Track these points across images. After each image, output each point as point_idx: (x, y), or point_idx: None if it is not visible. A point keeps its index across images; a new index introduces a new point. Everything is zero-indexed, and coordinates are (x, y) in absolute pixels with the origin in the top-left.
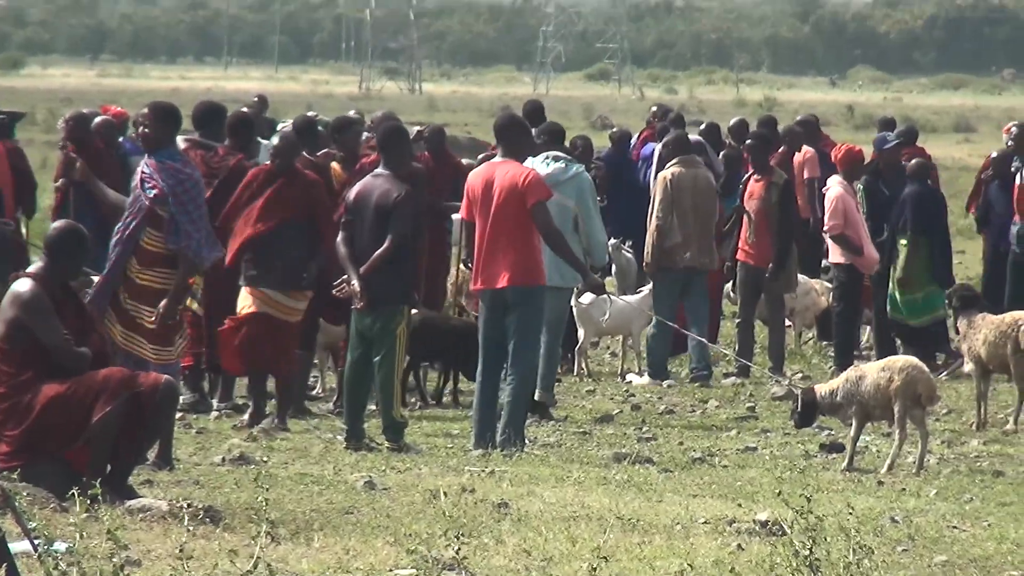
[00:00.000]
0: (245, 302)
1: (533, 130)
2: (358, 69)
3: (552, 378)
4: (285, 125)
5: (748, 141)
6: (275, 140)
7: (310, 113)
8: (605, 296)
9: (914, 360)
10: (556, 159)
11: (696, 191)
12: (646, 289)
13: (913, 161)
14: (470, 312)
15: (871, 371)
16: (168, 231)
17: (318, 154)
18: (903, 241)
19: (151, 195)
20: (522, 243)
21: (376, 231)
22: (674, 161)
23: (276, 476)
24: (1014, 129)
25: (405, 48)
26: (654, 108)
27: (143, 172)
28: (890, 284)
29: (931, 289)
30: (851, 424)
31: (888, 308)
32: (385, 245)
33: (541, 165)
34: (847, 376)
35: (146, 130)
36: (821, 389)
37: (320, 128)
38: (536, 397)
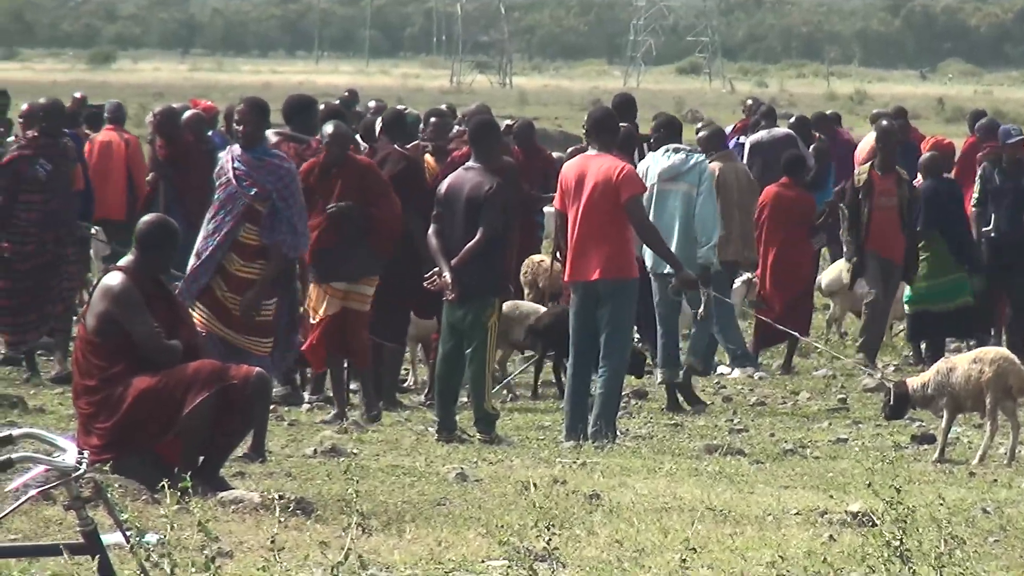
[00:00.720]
0: (320, 300)
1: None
2: (449, 63)
3: (703, 347)
4: (374, 109)
5: (876, 137)
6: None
7: (399, 107)
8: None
9: (1005, 352)
10: (676, 150)
11: (739, 186)
12: (739, 282)
13: (926, 155)
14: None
15: (962, 363)
16: (265, 225)
17: (408, 146)
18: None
19: (251, 192)
20: (614, 236)
21: (468, 223)
22: (713, 156)
23: (367, 468)
24: None
25: (496, 42)
26: (749, 101)
27: (238, 169)
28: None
29: (956, 276)
30: (943, 416)
31: (911, 303)
32: (477, 237)
33: (662, 157)
34: (938, 368)
35: (243, 126)
36: (913, 382)
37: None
38: (659, 379)
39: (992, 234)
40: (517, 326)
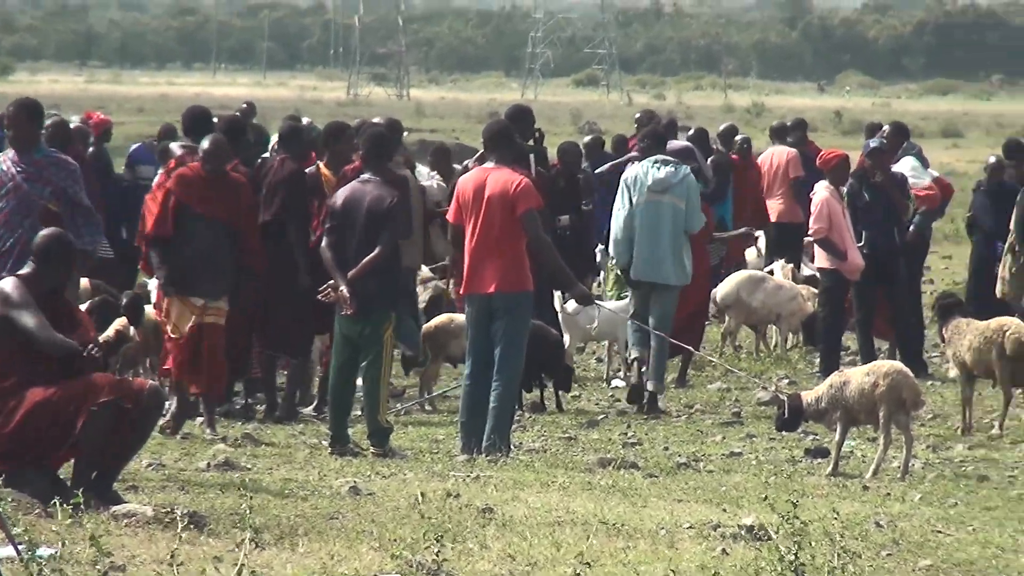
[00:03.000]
0: (178, 315)
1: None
2: (346, 75)
3: (663, 370)
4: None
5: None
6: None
7: (304, 120)
8: (594, 304)
9: (899, 365)
10: (665, 163)
11: None
12: (631, 296)
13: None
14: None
15: (856, 376)
16: (67, 228)
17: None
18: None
19: (45, 192)
20: (510, 250)
21: (368, 237)
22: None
23: (261, 482)
24: None
25: (393, 54)
26: (638, 115)
27: (23, 172)
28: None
29: None
30: (836, 429)
31: None
32: (378, 250)
33: (652, 168)
34: (831, 382)
35: (13, 130)
36: (807, 396)
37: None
38: (649, 388)
39: (865, 250)
40: (453, 340)
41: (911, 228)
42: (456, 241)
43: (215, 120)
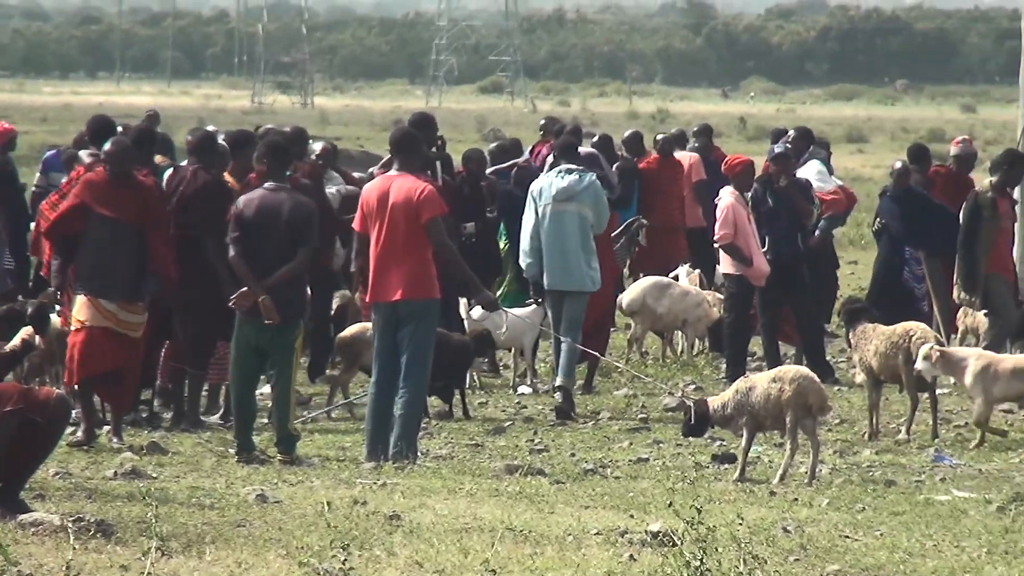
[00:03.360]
0: (83, 313)
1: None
2: (250, 83)
3: (573, 366)
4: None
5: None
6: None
7: (209, 128)
8: (500, 311)
9: (805, 370)
10: (570, 171)
11: None
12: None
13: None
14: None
15: (761, 381)
16: None
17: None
18: None
19: None
20: (416, 257)
21: (286, 245)
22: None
23: (168, 490)
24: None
25: (297, 62)
26: (542, 122)
27: None
28: None
29: None
30: (742, 435)
31: None
32: (298, 259)
33: (557, 178)
34: (737, 387)
35: None
36: (713, 402)
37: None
38: (558, 382)
39: (769, 256)
40: (367, 349)
41: (816, 233)
42: (362, 249)
43: (119, 129)
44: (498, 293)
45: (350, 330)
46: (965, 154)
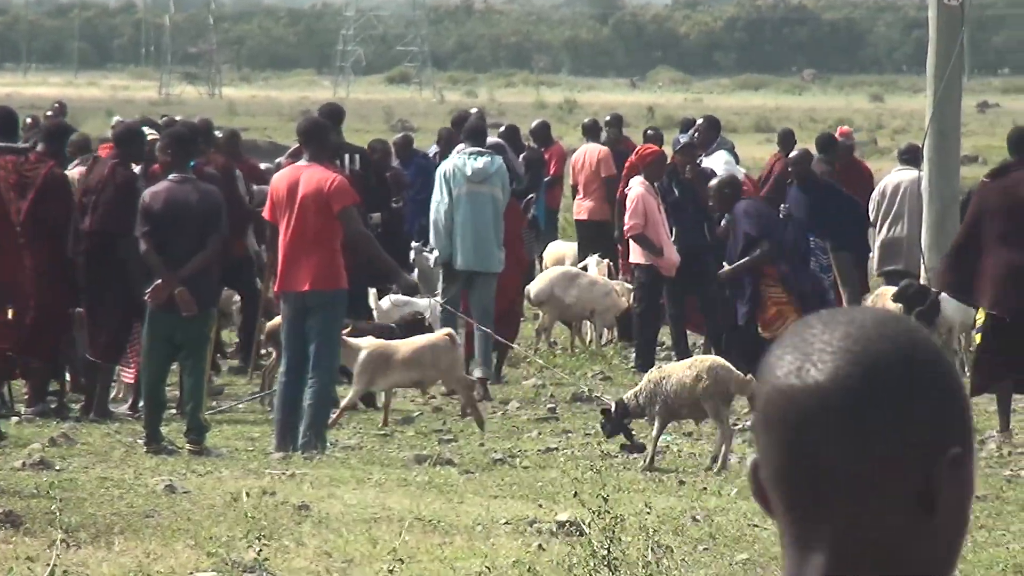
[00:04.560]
0: None
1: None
2: (158, 74)
3: (488, 354)
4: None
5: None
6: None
7: (116, 118)
8: (414, 299)
9: (720, 359)
10: (480, 154)
11: None
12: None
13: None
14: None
15: (677, 371)
16: None
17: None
18: None
19: None
20: (325, 247)
21: (196, 236)
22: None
23: (76, 480)
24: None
25: (204, 53)
26: (455, 116)
27: None
28: None
29: None
30: (654, 424)
31: None
32: (209, 249)
33: (470, 160)
34: (650, 377)
35: None
36: (627, 396)
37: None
38: (478, 374)
39: (676, 246)
40: None
41: (723, 223)
42: (273, 239)
43: (28, 120)
44: None
45: (278, 320)
46: (844, 145)
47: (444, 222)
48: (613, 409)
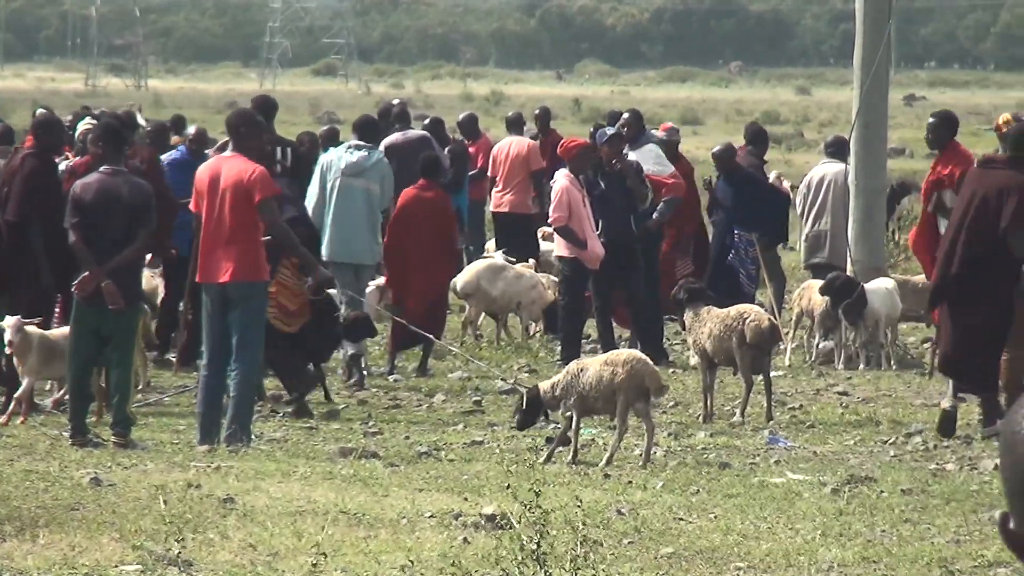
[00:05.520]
0: None
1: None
2: (84, 66)
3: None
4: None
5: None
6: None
7: (41, 109)
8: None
9: (637, 353)
10: (359, 148)
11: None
12: (372, 285)
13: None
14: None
15: (594, 365)
16: None
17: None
18: None
19: None
20: (245, 238)
21: (125, 229)
22: None
23: (1, 473)
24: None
25: (131, 44)
26: (396, 108)
27: None
28: None
29: None
30: (572, 417)
31: None
32: (138, 242)
33: (346, 153)
34: (569, 369)
35: None
36: (544, 385)
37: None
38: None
39: (602, 239)
40: None
41: (655, 216)
42: (197, 231)
43: None
44: None
45: None
46: (670, 140)
47: (316, 213)
48: (525, 399)
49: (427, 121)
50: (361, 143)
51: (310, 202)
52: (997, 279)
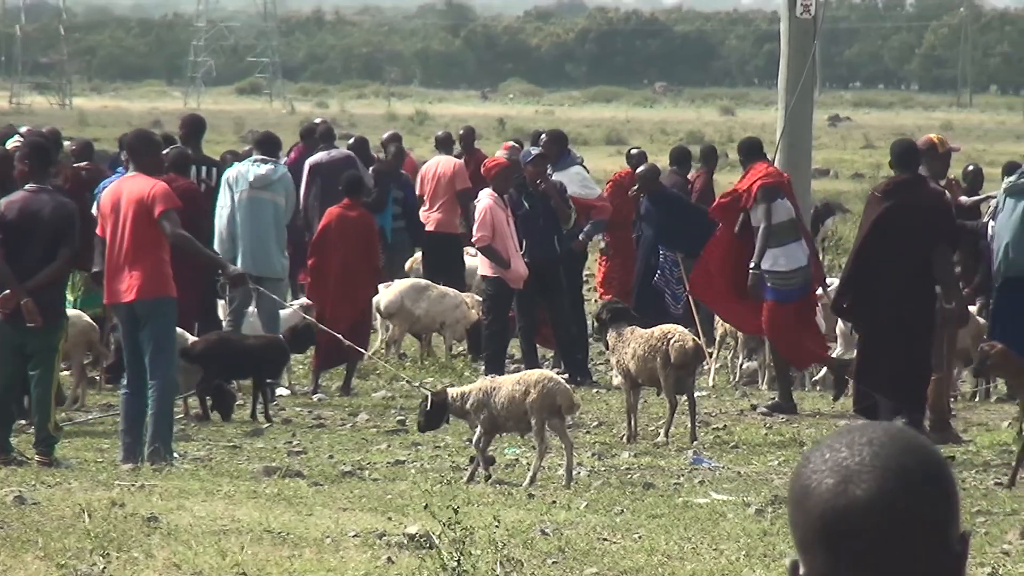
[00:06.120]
0: None
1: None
2: (8, 84)
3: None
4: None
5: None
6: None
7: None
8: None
9: (549, 372)
10: (264, 162)
11: None
12: (296, 304)
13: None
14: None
15: (507, 384)
16: None
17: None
18: None
19: None
20: (150, 256)
21: (48, 247)
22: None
23: None
24: None
25: (56, 63)
26: (320, 126)
27: None
28: None
29: None
30: (476, 428)
31: None
32: (59, 261)
33: (252, 167)
34: (481, 385)
35: None
36: (453, 392)
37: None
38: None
39: (526, 259)
40: None
41: (580, 236)
42: (103, 252)
43: None
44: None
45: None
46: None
47: (227, 228)
48: (430, 401)
49: (352, 140)
50: (266, 157)
51: (218, 216)
52: (916, 300)
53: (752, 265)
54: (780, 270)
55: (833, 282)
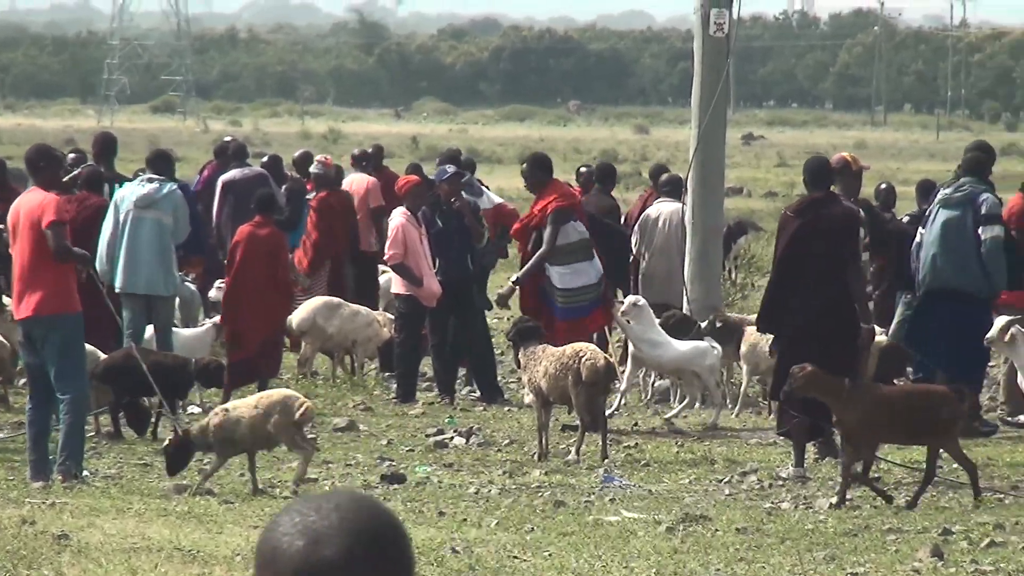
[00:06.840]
0: None
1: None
2: None
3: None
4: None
5: None
6: None
7: None
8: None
9: (288, 392)
10: (151, 180)
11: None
12: (209, 323)
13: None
14: None
15: (245, 410)
16: None
17: None
18: None
19: None
20: (50, 271)
21: None
22: None
23: None
24: None
25: None
26: (232, 143)
27: None
28: None
29: None
30: (221, 459)
31: None
32: None
33: (138, 186)
34: (221, 415)
35: None
36: (193, 428)
37: None
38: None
39: (439, 276)
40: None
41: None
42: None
43: None
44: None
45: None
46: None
47: (108, 248)
48: (174, 441)
49: (266, 159)
50: (154, 176)
51: (102, 236)
52: (834, 317)
53: (513, 279)
54: (568, 287)
55: (637, 299)
